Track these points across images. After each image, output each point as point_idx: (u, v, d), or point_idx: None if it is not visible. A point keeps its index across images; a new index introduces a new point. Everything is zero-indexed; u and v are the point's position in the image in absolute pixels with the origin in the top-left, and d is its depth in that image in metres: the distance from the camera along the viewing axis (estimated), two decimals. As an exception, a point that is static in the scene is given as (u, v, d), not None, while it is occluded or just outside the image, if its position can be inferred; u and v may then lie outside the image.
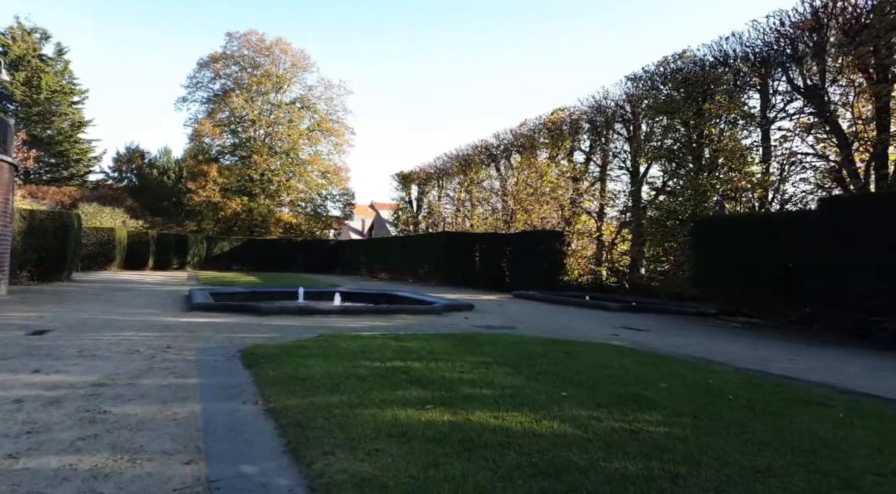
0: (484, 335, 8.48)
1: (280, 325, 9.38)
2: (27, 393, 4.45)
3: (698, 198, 18.37)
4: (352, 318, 10.79)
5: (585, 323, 11.15)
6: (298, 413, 3.96)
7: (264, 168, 43.78)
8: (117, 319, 9.50)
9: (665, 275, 19.96)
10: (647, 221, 20.79)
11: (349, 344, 6.93)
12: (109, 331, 8.03)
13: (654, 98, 20.84)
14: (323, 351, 6.38)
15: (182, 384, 4.95)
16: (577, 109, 24.86)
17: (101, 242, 27.76)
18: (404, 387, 4.74)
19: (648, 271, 21.59)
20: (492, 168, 31.22)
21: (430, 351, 6.54)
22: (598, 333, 9.64)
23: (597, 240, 24.06)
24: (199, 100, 46.51)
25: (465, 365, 5.76)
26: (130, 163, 51.70)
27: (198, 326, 8.89)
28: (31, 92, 43.32)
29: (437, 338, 7.71)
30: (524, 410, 4.08)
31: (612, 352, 7.15)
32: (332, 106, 47.45)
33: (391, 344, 7.01)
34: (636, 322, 11.78)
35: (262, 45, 44.88)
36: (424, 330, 9.25)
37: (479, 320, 11.14)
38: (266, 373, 5.24)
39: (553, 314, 13.01)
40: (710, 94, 18.34)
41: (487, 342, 7.51)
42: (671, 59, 19.98)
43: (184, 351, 6.59)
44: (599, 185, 24.54)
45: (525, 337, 8.49)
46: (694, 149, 18.91)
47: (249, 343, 7.25)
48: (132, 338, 7.42)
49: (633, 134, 22.64)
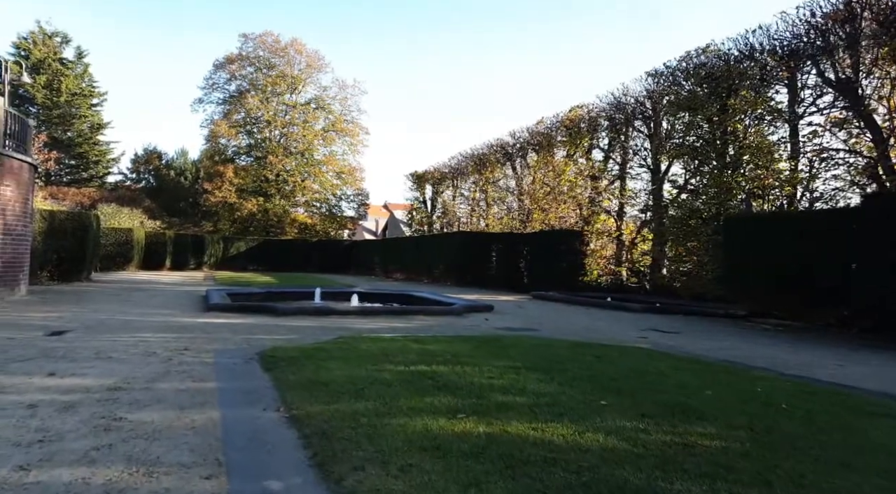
0: (507, 337, 8.21)
1: (298, 326, 9.18)
2: (42, 398, 4.26)
3: (722, 196, 17.96)
4: (369, 319, 10.57)
5: (610, 325, 10.83)
6: (323, 421, 3.72)
7: (279, 168, 43.82)
8: (135, 320, 9.36)
9: (688, 276, 19.53)
10: (668, 220, 20.37)
11: (370, 347, 6.70)
12: (127, 332, 7.88)
13: (675, 94, 20.41)
14: (343, 354, 6.15)
15: (200, 388, 4.74)
16: (596, 106, 24.46)
17: (119, 243, 27.86)
18: (432, 394, 4.49)
19: (670, 271, 21.15)
20: (507, 167, 30.91)
21: (454, 355, 6.28)
22: (624, 335, 9.32)
23: (616, 240, 23.64)
24: (215, 101, 46.75)
25: (492, 370, 5.49)
26: (148, 165, 52.09)
27: (215, 327, 8.71)
28: (52, 95, 43.76)
29: (459, 341, 7.45)
30: (564, 421, 3.80)
31: (645, 356, 6.84)
32: (346, 106, 47.44)
33: (413, 347, 6.76)
34: (663, 323, 11.43)
35: (277, 46, 44.95)
36: (445, 331, 9.00)
37: (499, 322, 10.86)
38: (286, 377, 5.02)
39: (575, 315, 12.69)
40: (735, 90, 17.89)
41: (512, 345, 7.23)
42: (694, 53, 19.53)
43: (201, 353, 6.40)
44: (619, 184, 24.11)
45: (550, 339, 8.20)
46: (718, 146, 18.48)
47: (268, 345, 7.05)
48: (149, 340, 7.25)
49: (653, 131, 22.19)
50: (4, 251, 10.96)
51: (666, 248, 20.78)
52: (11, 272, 11.32)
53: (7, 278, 11.13)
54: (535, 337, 8.40)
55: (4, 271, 10.99)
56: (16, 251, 11.42)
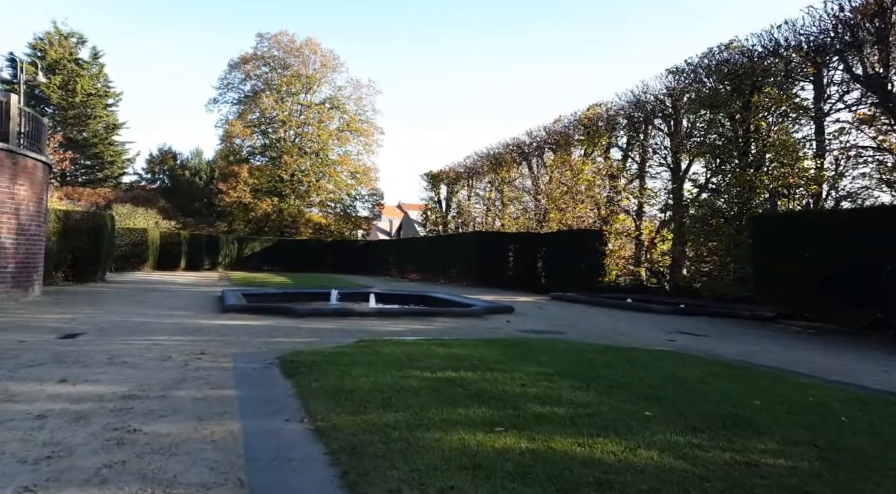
0: (533, 341, 7.91)
1: (317, 328, 8.95)
2: (52, 407, 4.04)
3: (745, 195, 17.55)
4: (389, 321, 10.32)
5: (636, 327, 10.49)
6: (351, 434, 3.46)
7: (294, 168, 43.79)
8: (150, 322, 9.18)
9: (709, 276, 19.08)
10: (689, 220, 19.94)
11: (393, 351, 6.44)
12: (141, 335, 7.69)
13: (697, 91, 20.01)
14: (366, 359, 5.90)
15: (218, 396, 4.51)
16: (615, 104, 24.06)
17: (134, 243, 27.88)
18: (464, 404, 4.21)
19: (691, 272, 20.72)
20: (524, 166, 30.58)
21: (482, 360, 6.00)
22: (652, 338, 8.99)
23: (635, 240, 23.23)
24: (230, 101, 46.85)
25: (523, 377, 5.21)
26: (163, 165, 52.34)
27: (232, 329, 8.51)
28: (67, 95, 44.09)
29: (484, 345, 7.17)
30: (610, 435, 3.51)
31: (679, 361, 6.51)
32: (360, 106, 47.34)
33: (438, 351, 6.49)
34: (689, 326, 11.07)
35: (292, 45, 44.93)
36: (468, 334, 8.73)
37: (522, 324, 10.56)
38: (309, 384, 4.77)
39: (598, 317, 12.35)
40: (759, 87, 17.47)
41: (540, 349, 6.93)
42: (717, 50, 19.11)
43: (219, 357, 6.17)
44: (638, 183, 23.70)
45: (577, 343, 7.89)
46: (740, 144, 18.07)
47: (287, 348, 6.82)
48: (164, 343, 7.04)
49: (673, 129, 21.77)
50: (18, 251, 10.85)
51: (686, 248, 20.33)
52: (25, 273, 11.21)
53: (21, 279, 11.02)
54: (562, 341, 8.10)
55: (18, 272, 10.88)
56: (29, 251, 11.31)
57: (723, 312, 13.54)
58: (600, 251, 20.47)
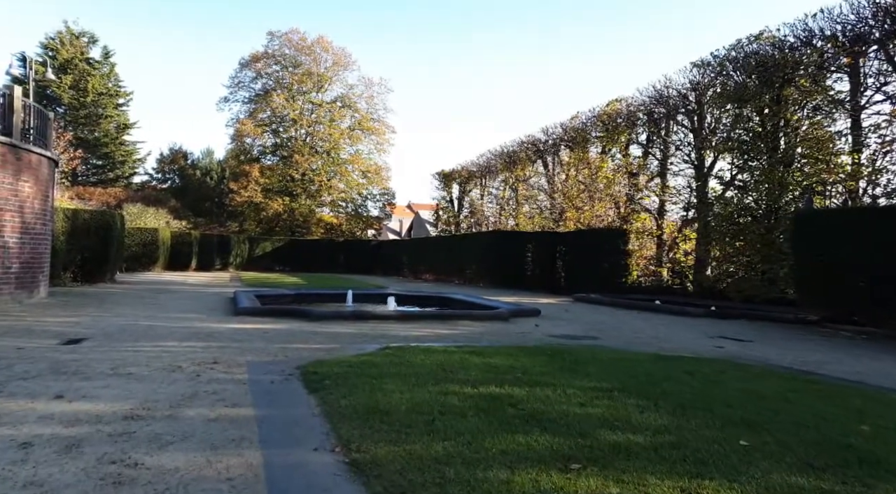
0: (573, 348, 7.25)
1: (336, 333, 8.35)
2: (41, 432, 3.45)
3: (775, 192, 16.83)
4: (411, 324, 9.70)
5: (675, 332, 9.80)
6: (396, 472, 2.83)
7: (305, 168, 43.31)
8: (159, 325, 8.62)
9: (736, 277, 18.31)
10: (714, 218, 19.20)
11: (423, 360, 5.81)
12: (149, 341, 7.11)
13: (723, 85, 19.26)
14: (396, 370, 5.28)
15: (234, 417, 3.90)
16: (636, 99, 23.32)
17: (144, 243, 27.48)
18: (522, 429, 3.58)
19: (716, 272, 19.98)
20: (539, 164, 29.89)
21: (525, 372, 5.37)
22: (697, 345, 8.31)
23: (657, 239, 22.49)
24: (241, 100, 46.45)
25: (578, 394, 4.56)
26: (173, 164, 52.08)
27: (246, 334, 7.92)
28: (79, 95, 43.89)
29: (522, 353, 6.52)
30: (714, 474, 2.86)
31: (743, 373, 5.84)
32: (372, 104, 46.79)
33: (473, 361, 5.86)
34: (730, 330, 10.37)
35: (303, 43, 44.46)
36: (498, 340, 8.09)
37: (552, 328, 9.91)
38: (337, 402, 4.15)
39: (630, 321, 11.66)
40: (790, 79, 16.74)
41: (585, 359, 6.28)
42: (745, 41, 18.36)
43: (233, 367, 5.58)
44: (659, 181, 22.96)
45: (622, 351, 7.23)
46: (769, 139, 17.33)
47: (306, 356, 6.22)
48: (174, 350, 6.46)
49: (697, 125, 21.02)
50: (22, 251, 10.33)
51: (710, 248, 19.57)
52: (30, 273, 10.69)
53: (25, 280, 10.50)
54: (604, 348, 7.44)
55: (23, 272, 10.36)
56: (35, 251, 10.79)
57: (760, 315, 12.80)
58: (624, 251, 19.74)
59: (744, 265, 18.16)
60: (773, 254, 16.44)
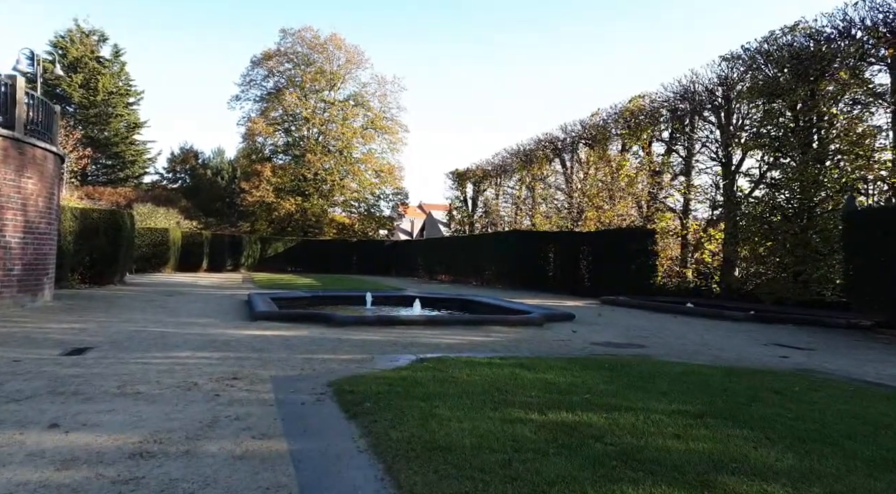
0: (629, 360, 6.51)
1: (363, 340, 7.67)
2: (27, 478, 2.77)
3: (810, 190, 16.04)
4: (440, 330, 9.00)
5: (725, 340, 9.04)
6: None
7: (318, 167, 42.73)
8: (171, 332, 7.97)
9: (765, 278, 17.45)
10: (744, 218, 18.39)
11: (470, 376, 5.10)
12: (160, 351, 6.46)
13: (753, 79, 18.41)
14: (443, 388, 4.57)
15: (265, 452, 3.21)
16: (660, 95, 22.51)
17: (155, 243, 26.97)
18: (625, 475, 2.85)
19: (745, 273, 19.18)
20: (556, 163, 29.11)
21: (591, 391, 4.65)
22: (757, 354, 7.56)
23: (681, 239, 21.67)
24: (253, 98, 45.90)
25: (664, 420, 3.84)
26: (184, 164, 51.66)
27: (266, 342, 7.25)
28: (89, 94, 43.54)
29: (577, 367, 5.80)
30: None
31: (839, 392, 5.09)
32: (385, 103, 46.11)
33: (526, 377, 5.15)
34: (782, 336, 9.59)
35: (316, 41, 43.85)
36: (538, 349, 7.39)
37: (591, 334, 9.18)
38: (385, 434, 3.45)
39: (670, 325, 10.89)
40: (826, 72, 15.96)
41: (649, 373, 5.55)
42: (779, 33, 17.47)
43: (255, 383, 4.90)
44: (684, 179, 22.14)
45: (683, 363, 6.48)
46: (803, 134, 16.52)
47: (336, 368, 5.54)
48: (188, 362, 5.80)
49: (725, 121, 20.20)
50: (25, 252, 9.71)
51: (739, 248, 18.75)
52: (34, 275, 10.08)
53: (28, 282, 9.88)
54: (662, 360, 6.70)
55: (25, 274, 9.75)
56: (39, 251, 10.18)
57: (806, 319, 11.96)
58: (652, 251, 18.93)
59: (774, 266, 17.35)
60: (808, 255, 15.65)
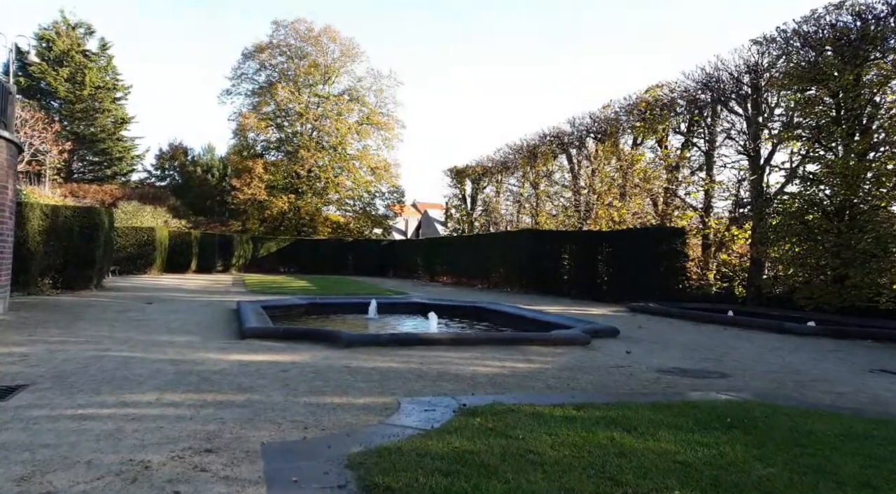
0: (750, 408, 4.88)
1: (378, 370, 6.06)
2: None
3: (859, 184, 14.63)
4: (469, 353, 7.39)
5: (816, 365, 7.47)
6: None
7: (311, 164, 41.03)
8: (137, 358, 6.33)
9: (802, 282, 15.90)
10: (777, 216, 16.90)
11: (556, 450, 3.49)
12: (115, 392, 4.82)
13: (789, 63, 16.90)
14: (528, 480, 2.97)
15: None
16: (680, 84, 21.03)
17: (140, 243, 25.25)
18: None
19: (778, 277, 17.72)
20: (563, 158, 27.59)
21: (740, 475, 3.07)
22: (879, 388, 6.02)
23: (702, 239, 20.18)
24: (244, 92, 44.09)
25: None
26: (173, 161, 49.75)
27: (258, 375, 5.63)
28: (75, 88, 41.64)
29: (687, 422, 4.18)
30: None
31: None
32: (381, 98, 44.42)
33: (634, 448, 3.54)
34: (884, 360, 8.01)
35: (310, 33, 42.11)
36: (606, 383, 5.82)
37: (649, 356, 7.61)
38: None
39: (730, 341, 9.32)
40: (869, 55, 14.61)
41: (803, 435, 3.95)
42: (822, 12, 15.93)
43: (239, 460, 3.28)
44: (705, 174, 20.66)
45: (822, 411, 4.90)
46: (848, 124, 15.08)
47: (353, 424, 3.96)
48: (147, 414, 4.17)
49: (753, 110, 18.73)
50: (-36, 256, 8.06)
51: (769, 249, 17.26)
52: (-22, 284, 8.41)
53: (-30, 293, 8.22)
54: (799, 409, 5.05)
55: (-36, 284, 8.09)
56: (-16, 256, 8.52)
57: (885, 333, 10.30)
58: (682, 253, 17.35)
59: (811, 268, 15.86)
60: (855, 257, 14.19)
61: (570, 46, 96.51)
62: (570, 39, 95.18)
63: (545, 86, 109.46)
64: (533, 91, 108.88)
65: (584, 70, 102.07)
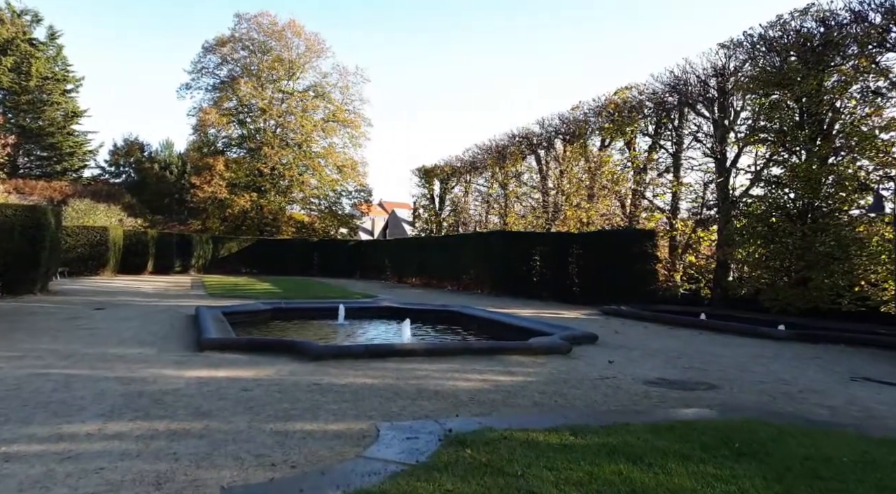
0: (755, 431, 4.56)
1: (351, 386, 5.57)
2: None
3: (821, 188, 14.82)
4: (447, 364, 6.96)
5: (799, 373, 7.29)
6: None
7: (275, 161, 39.97)
8: (81, 377, 5.69)
9: (767, 284, 15.99)
10: (742, 218, 17.07)
11: (556, 484, 3.11)
12: (49, 422, 4.22)
13: (755, 68, 17.07)
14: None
15: None
16: (649, 86, 21.07)
17: (92, 243, 24.00)
18: None
19: (741, 277, 17.90)
20: (531, 159, 27.50)
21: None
22: (867, 400, 5.84)
23: (670, 241, 20.26)
24: (205, 87, 42.68)
25: None
26: (128, 157, 47.84)
27: (217, 396, 5.07)
28: (21, 78, 39.58)
29: (694, 448, 3.83)
30: None
31: None
32: (347, 95, 43.62)
33: (646, 485, 3.18)
34: (862, 366, 7.91)
35: (273, 28, 41.03)
36: (594, 399, 5.48)
37: (631, 366, 7.32)
38: None
39: (708, 347, 9.14)
40: (838, 58, 14.84)
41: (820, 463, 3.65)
42: (788, 17, 16.07)
43: (193, 512, 2.78)
44: (672, 176, 20.78)
45: (830, 432, 4.64)
46: (811, 128, 15.27)
47: (327, 458, 3.48)
48: (85, 453, 3.60)
49: (720, 114, 18.85)
50: None
51: (734, 251, 17.38)
52: None
53: None
54: (805, 430, 4.80)
55: None
56: None
57: (857, 338, 10.30)
58: (652, 255, 17.30)
59: (775, 270, 16.00)
60: (818, 260, 14.36)
61: (540, 47, 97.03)
62: (540, 40, 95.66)
63: (515, 86, 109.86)
64: (503, 91, 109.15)
65: (555, 70, 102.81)
